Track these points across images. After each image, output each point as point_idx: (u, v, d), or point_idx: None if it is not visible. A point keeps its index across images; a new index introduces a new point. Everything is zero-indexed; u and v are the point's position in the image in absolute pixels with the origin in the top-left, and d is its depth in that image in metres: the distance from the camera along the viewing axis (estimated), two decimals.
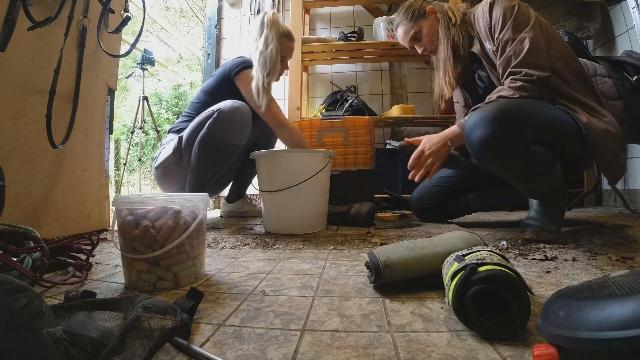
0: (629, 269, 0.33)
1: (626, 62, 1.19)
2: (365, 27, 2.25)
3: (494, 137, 0.92)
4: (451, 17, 1.17)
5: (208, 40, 2.56)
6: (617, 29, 1.86)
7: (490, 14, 1.07)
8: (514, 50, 1.00)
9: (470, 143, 0.98)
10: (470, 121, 0.97)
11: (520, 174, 1.01)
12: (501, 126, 0.91)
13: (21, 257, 0.69)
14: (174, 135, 1.40)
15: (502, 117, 0.92)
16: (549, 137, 0.96)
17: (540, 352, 0.31)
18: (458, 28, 1.15)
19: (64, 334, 0.34)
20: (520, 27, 1.01)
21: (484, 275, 0.43)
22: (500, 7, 1.05)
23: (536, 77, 0.97)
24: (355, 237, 1.09)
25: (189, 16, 5.79)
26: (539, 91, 0.98)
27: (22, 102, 1.02)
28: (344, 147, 1.85)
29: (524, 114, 0.95)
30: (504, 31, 1.03)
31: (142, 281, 0.62)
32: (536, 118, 0.95)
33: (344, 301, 0.56)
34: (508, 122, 0.92)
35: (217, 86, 1.43)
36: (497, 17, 1.04)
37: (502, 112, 0.93)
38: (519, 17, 1.02)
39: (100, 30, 1.27)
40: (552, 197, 1.04)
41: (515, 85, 0.99)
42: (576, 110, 0.99)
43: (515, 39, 1.00)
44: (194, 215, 0.67)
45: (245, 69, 1.37)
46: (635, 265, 0.75)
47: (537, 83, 0.97)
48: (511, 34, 1.01)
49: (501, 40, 1.03)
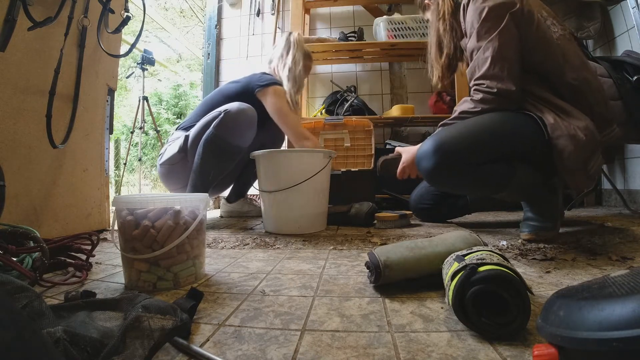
0: (629, 269, 0.33)
1: (626, 62, 1.19)
2: (365, 27, 2.25)
3: (436, 169, 0.95)
4: (440, 9, 1.13)
5: (208, 40, 2.56)
6: (617, 29, 1.86)
7: (465, 13, 1.03)
8: (477, 61, 0.98)
9: (420, 171, 1.02)
10: (420, 150, 1.00)
11: (478, 191, 1.04)
12: (442, 158, 0.94)
13: (21, 257, 0.69)
14: (181, 133, 1.40)
15: (444, 148, 0.93)
16: (502, 152, 0.96)
17: (540, 352, 0.31)
18: (447, 19, 1.11)
19: (64, 334, 0.34)
20: (485, 35, 0.95)
21: (484, 275, 0.43)
22: (472, 9, 0.99)
23: (496, 90, 0.94)
24: (355, 237, 1.09)
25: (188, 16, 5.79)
26: (500, 103, 0.96)
27: (22, 102, 1.01)
28: (345, 147, 1.86)
29: (474, 137, 0.94)
30: (471, 38, 0.99)
31: (142, 281, 0.62)
32: (486, 141, 0.94)
33: (344, 301, 0.56)
34: (450, 153, 0.93)
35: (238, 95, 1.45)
36: (469, 20, 1.01)
37: (445, 143, 0.94)
38: (487, 22, 0.95)
39: (100, 30, 1.27)
40: (538, 197, 1.03)
41: (477, 98, 0.98)
42: (542, 111, 0.94)
43: (479, 47, 0.97)
44: (194, 215, 0.67)
45: (273, 84, 1.43)
46: (635, 265, 0.75)
47: (498, 95, 0.95)
48: (476, 42, 0.97)
49: (468, 49, 1.02)
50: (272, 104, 1.41)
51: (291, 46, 1.50)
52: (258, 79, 1.45)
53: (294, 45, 1.49)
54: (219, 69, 2.54)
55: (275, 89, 1.42)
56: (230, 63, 2.53)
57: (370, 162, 1.79)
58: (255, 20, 2.52)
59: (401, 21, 2.04)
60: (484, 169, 0.95)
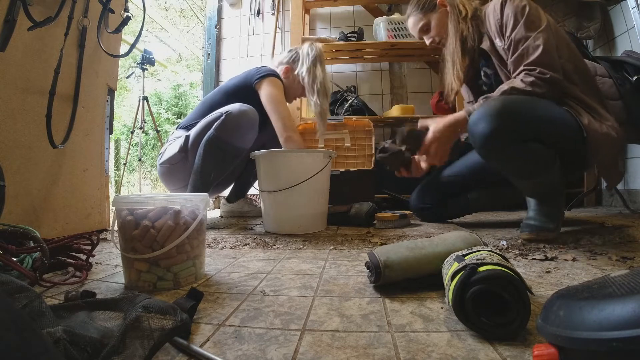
0: (629, 269, 0.33)
1: (626, 62, 1.19)
2: (365, 27, 2.25)
3: (495, 132, 0.92)
4: (462, 10, 1.17)
5: (208, 40, 2.56)
6: (617, 29, 1.86)
7: (502, 12, 1.07)
8: (527, 49, 1.01)
9: (472, 136, 0.98)
10: (475, 114, 0.97)
11: (520, 170, 1.01)
12: (503, 122, 0.92)
13: (21, 257, 0.69)
14: (182, 132, 1.40)
15: (505, 113, 0.93)
16: (550, 136, 0.97)
17: (540, 352, 0.31)
18: (469, 21, 1.15)
19: (64, 334, 0.34)
20: (532, 27, 1.01)
21: (483, 275, 0.43)
22: (512, 5, 1.05)
23: (549, 75, 0.97)
24: (355, 237, 1.09)
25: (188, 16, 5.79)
26: (549, 89, 0.99)
27: (22, 102, 1.01)
28: (345, 148, 1.86)
29: (527, 112, 0.95)
30: (517, 29, 1.03)
31: (142, 281, 0.62)
32: (539, 116, 0.96)
33: (344, 301, 0.56)
34: (510, 118, 0.93)
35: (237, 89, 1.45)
36: (509, 15, 1.05)
37: (505, 108, 0.93)
38: (531, 17, 1.02)
39: (100, 30, 1.27)
40: (551, 196, 1.04)
41: (528, 80, 0.99)
42: (579, 112, 0.99)
43: (528, 37, 1.01)
44: (194, 215, 0.67)
45: (271, 75, 1.42)
46: (635, 265, 0.75)
47: (549, 82, 0.98)
48: (524, 32, 1.02)
49: (513, 39, 1.04)
50: (266, 92, 1.39)
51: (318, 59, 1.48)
52: (256, 71, 1.45)
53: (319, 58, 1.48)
54: (219, 69, 2.54)
55: (272, 80, 1.41)
56: (230, 63, 2.53)
57: (371, 162, 1.79)
58: (255, 20, 2.52)
59: (401, 21, 2.04)
60: (534, 147, 0.95)
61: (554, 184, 1.02)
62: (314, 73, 1.46)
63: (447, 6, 1.19)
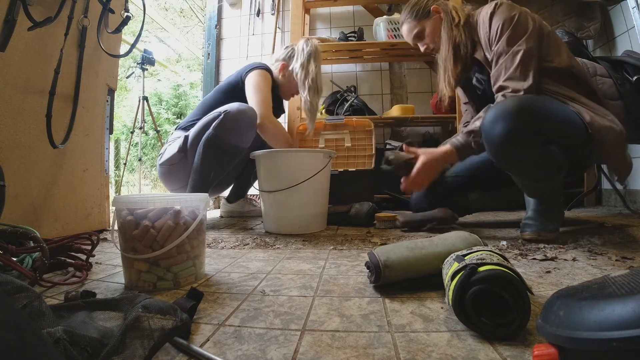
0: (629, 269, 0.33)
1: (626, 62, 1.19)
2: (365, 27, 2.25)
3: (516, 131, 0.90)
4: (454, 17, 1.16)
5: (208, 40, 2.56)
6: (617, 29, 1.86)
7: (490, 25, 1.07)
8: (505, 65, 1.01)
9: (489, 138, 0.95)
10: (489, 115, 0.95)
11: (533, 172, 0.99)
12: (525, 120, 0.90)
13: (21, 257, 0.69)
14: (181, 133, 1.40)
15: (525, 111, 0.91)
16: (564, 136, 0.95)
17: (540, 352, 0.31)
18: (461, 28, 1.15)
19: (64, 334, 0.34)
20: (514, 40, 1.00)
21: (484, 275, 0.43)
22: (500, 17, 1.04)
23: (522, 91, 0.97)
24: (355, 237, 1.09)
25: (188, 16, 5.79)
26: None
27: (22, 102, 1.01)
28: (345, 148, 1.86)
29: (545, 110, 0.93)
30: (499, 43, 1.03)
31: (142, 281, 0.62)
32: (556, 115, 0.94)
33: (344, 301, 0.56)
34: (531, 116, 0.91)
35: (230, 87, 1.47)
36: (496, 28, 1.04)
37: (524, 106, 0.91)
38: (517, 28, 1.01)
39: (100, 30, 1.27)
40: (552, 197, 1.04)
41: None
42: (580, 110, 0.99)
43: (508, 51, 1.01)
44: (194, 215, 0.67)
45: (259, 68, 1.43)
46: (635, 265, 0.75)
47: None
48: (505, 46, 1.01)
49: (495, 53, 1.04)
50: (249, 80, 1.40)
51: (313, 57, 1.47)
52: (248, 66, 1.46)
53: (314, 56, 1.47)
54: (219, 69, 2.54)
55: (258, 71, 1.42)
56: (230, 63, 2.53)
57: (371, 162, 1.79)
58: (255, 20, 2.52)
59: None
60: (552, 149, 0.94)
61: (557, 186, 1.02)
62: (307, 69, 1.45)
63: (441, 12, 1.19)
